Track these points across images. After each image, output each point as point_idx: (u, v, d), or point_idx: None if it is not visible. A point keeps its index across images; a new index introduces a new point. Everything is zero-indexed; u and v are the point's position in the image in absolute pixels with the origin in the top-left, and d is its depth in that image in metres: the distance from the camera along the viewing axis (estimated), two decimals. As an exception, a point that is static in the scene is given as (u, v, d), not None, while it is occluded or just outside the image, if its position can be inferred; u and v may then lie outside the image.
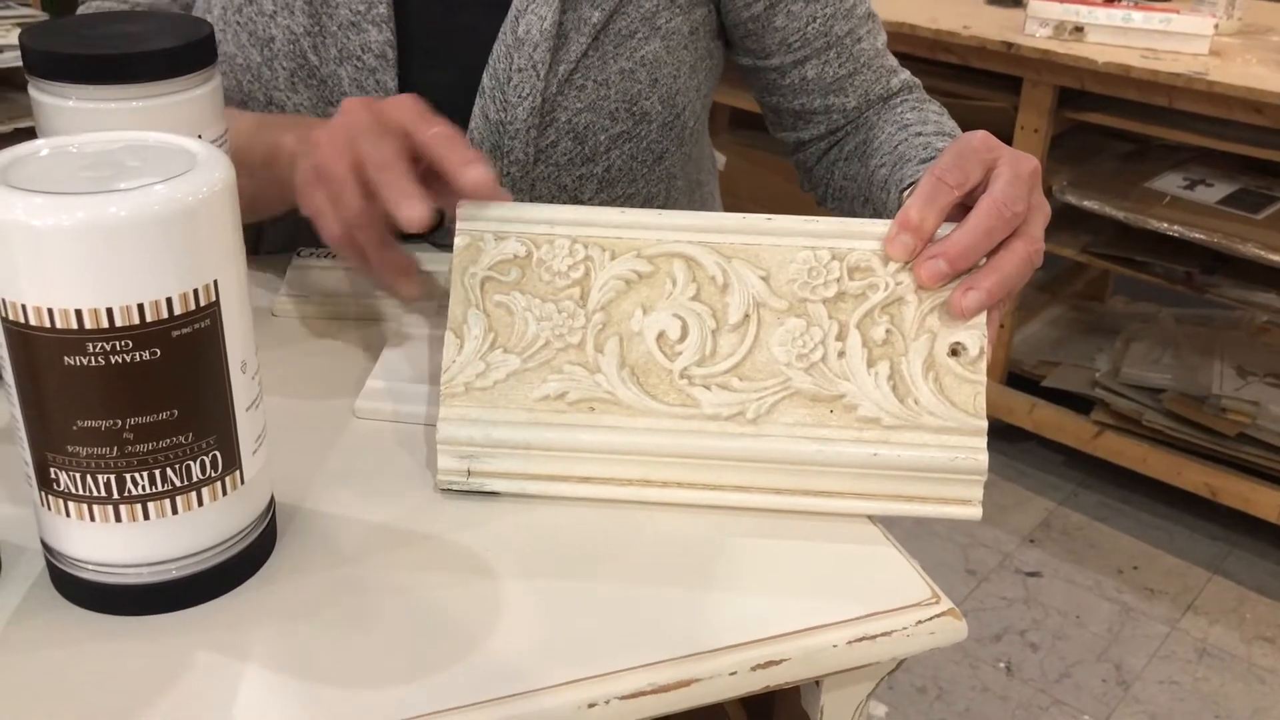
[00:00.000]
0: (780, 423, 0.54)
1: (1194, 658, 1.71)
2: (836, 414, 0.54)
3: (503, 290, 0.57)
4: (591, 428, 0.55)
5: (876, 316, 0.56)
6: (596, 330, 0.56)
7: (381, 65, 0.76)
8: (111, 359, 0.43)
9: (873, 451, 0.54)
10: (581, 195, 0.80)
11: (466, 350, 0.56)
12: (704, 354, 0.56)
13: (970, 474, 0.54)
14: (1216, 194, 1.88)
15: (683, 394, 0.55)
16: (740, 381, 0.55)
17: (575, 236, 0.58)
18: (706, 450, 0.54)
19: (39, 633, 0.47)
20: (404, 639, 0.48)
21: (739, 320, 0.56)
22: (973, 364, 0.55)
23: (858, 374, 0.55)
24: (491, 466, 0.55)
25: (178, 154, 0.46)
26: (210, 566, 0.49)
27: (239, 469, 0.48)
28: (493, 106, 0.76)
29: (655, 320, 0.56)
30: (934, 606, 0.51)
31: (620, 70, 0.78)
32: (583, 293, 0.57)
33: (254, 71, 0.77)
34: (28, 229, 0.41)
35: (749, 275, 0.57)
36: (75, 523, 0.46)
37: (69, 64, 0.57)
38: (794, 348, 0.55)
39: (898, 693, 1.63)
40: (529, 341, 0.56)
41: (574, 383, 0.55)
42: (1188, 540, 1.96)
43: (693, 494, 0.55)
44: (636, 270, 0.57)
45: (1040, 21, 1.83)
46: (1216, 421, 1.85)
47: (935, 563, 1.87)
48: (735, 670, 0.47)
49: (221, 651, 0.47)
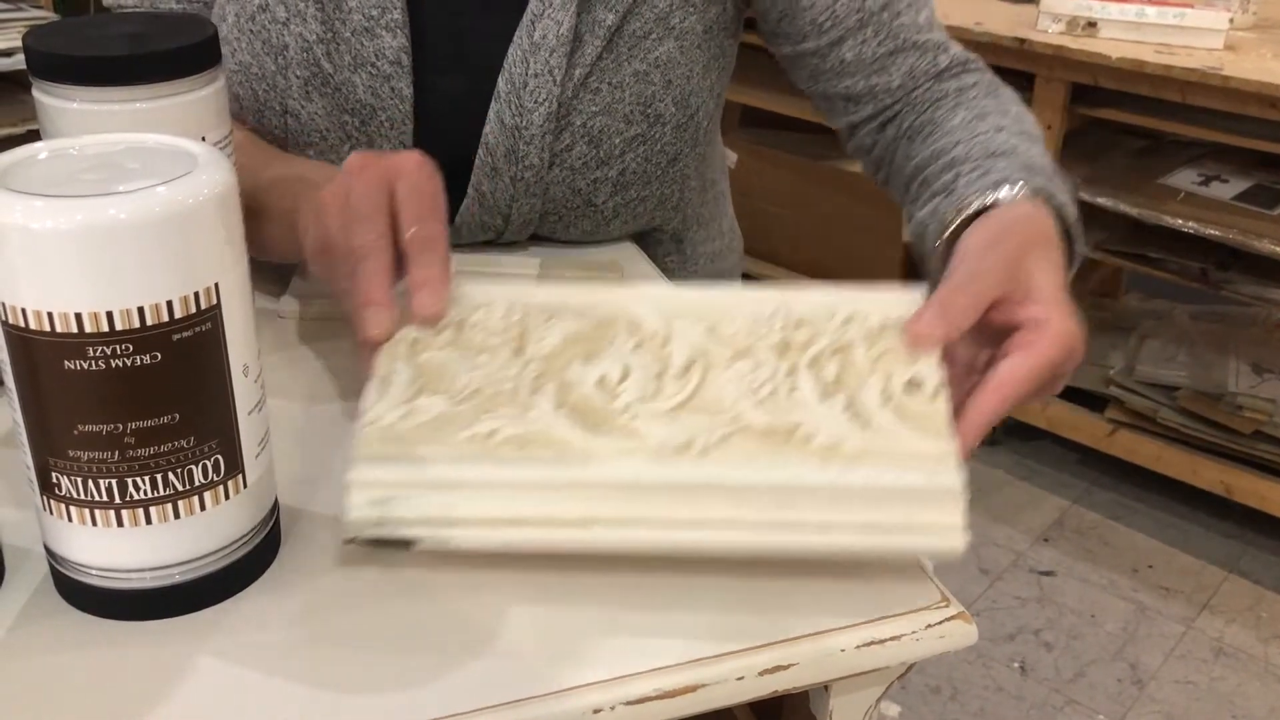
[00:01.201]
0: (733, 453, 0.49)
1: (1210, 657, 1.70)
2: (793, 444, 0.49)
3: (433, 348, 0.53)
4: (525, 461, 0.49)
5: (825, 360, 0.52)
6: (532, 377, 0.52)
7: (396, 72, 0.75)
8: (112, 363, 0.43)
9: (837, 473, 0.48)
10: (596, 199, 0.80)
11: (390, 396, 0.51)
12: (647, 394, 0.51)
13: (945, 496, 0.48)
14: (1231, 190, 1.87)
15: (626, 428, 0.50)
16: (689, 415, 0.50)
17: (513, 302, 0.55)
18: (654, 480, 0.48)
19: (42, 637, 0.47)
20: (410, 643, 0.47)
21: (683, 366, 0.52)
22: (932, 398, 0.51)
23: (812, 405, 0.51)
24: (408, 511, 0.48)
25: (178, 156, 0.46)
26: (214, 571, 0.48)
27: (242, 473, 0.48)
28: (508, 111, 0.76)
29: (595, 368, 0.52)
30: (944, 610, 0.50)
31: (635, 72, 0.77)
32: (519, 346, 0.53)
33: (269, 80, 0.76)
34: (27, 232, 0.41)
35: (691, 329, 0.54)
36: (77, 527, 0.46)
37: (72, 66, 0.57)
38: (743, 385, 0.51)
39: (911, 693, 1.62)
40: (459, 387, 0.51)
41: (506, 421, 0.50)
42: (1203, 539, 1.95)
43: (642, 534, 0.48)
44: (576, 328, 0.54)
45: (1053, 17, 1.82)
46: (1232, 419, 1.84)
47: (948, 562, 1.86)
48: (743, 675, 0.47)
49: (225, 657, 0.46)
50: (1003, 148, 0.70)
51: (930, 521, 0.48)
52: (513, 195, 0.78)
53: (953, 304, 0.54)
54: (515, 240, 0.83)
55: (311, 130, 0.77)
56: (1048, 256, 0.59)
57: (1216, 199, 1.84)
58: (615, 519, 0.48)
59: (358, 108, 0.76)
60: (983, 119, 0.74)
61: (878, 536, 0.48)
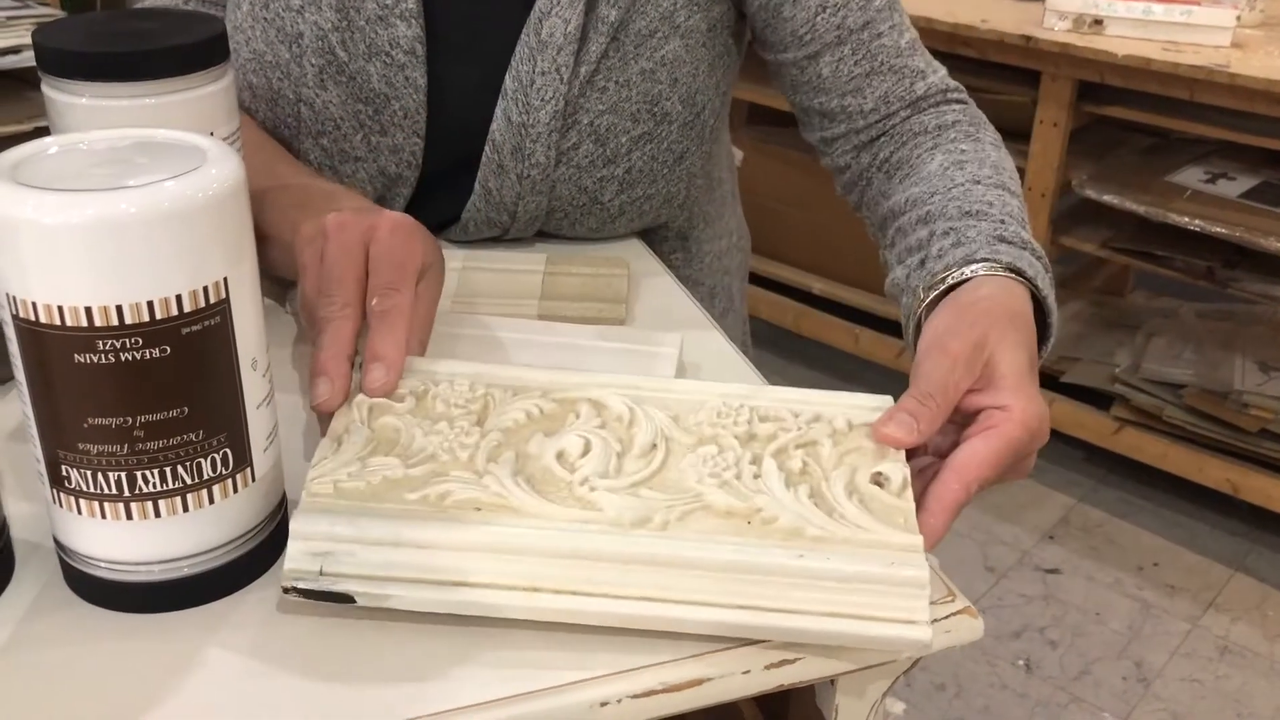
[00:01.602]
0: (692, 529, 0.48)
1: (1215, 655, 1.70)
2: (754, 525, 0.48)
3: (392, 414, 0.53)
4: (474, 523, 0.48)
5: (791, 451, 0.52)
6: (491, 446, 0.51)
7: (410, 61, 0.75)
8: (121, 356, 0.43)
9: (798, 554, 0.47)
10: (602, 197, 0.80)
11: (342, 454, 0.50)
12: (608, 469, 0.50)
13: (910, 586, 0.47)
14: (1238, 188, 1.87)
15: (583, 500, 0.49)
16: (649, 491, 0.50)
17: (478, 378, 0.55)
18: (608, 551, 0.47)
19: (52, 629, 0.47)
20: (416, 637, 0.47)
21: (646, 447, 0.52)
22: (899, 493, 0.50)
23: (776, 490, 0.50)
24: (348, 567, 0.46)
25: (187, 151, 0.46)
26: (222, 564, 0.49)
27: (250, 466, 0.48)
28: (515, 109, 0.76)
29: (556, 442, 0.52)
30: (950, 605, 0.50)
31: (641, 71, 0.77)
32: (480, 418, 0.53)
33: (283, 68, 0.77)
34: (37, 226, 0.41)
35: (657, 414, 0.54)
36: (86, 520, 0.46)
37: (81, 62, 0.58)
38: (705, 468, 0.51)
39: (916, 690, 1.62)
40: (414, 451, 0.51)
41: (459, 485, 0.49)
42: (1209, 537, 1.95)
43: (592, 604, 0.47)
44: (540, 406, 0.54)
45: (1059, 14, 1.82)
46: (1238, 417, 1.84)
47: (954, 560, 1.86)
48: (748, 669, 0.47)
49: (233, 649, 0.47)
50: (978, 205, 0.68)
51: (895, 611, 0.46)
52: (519, 193, 0.78)
53: (920, 413, 0.54)
54: (522, 236, 0.83)
55: (325, 119, 0.77)
56: (1014, 337, 0.58)
57: (1224, 197, 1.84)
58: (564, 587, 0.47)
59: (371, 96, 0.76)
60: (961, 168, 0.73)
61: (840, 623, 0.46)
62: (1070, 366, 2.09)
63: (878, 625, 0.46)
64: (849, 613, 0.46)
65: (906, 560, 0.47)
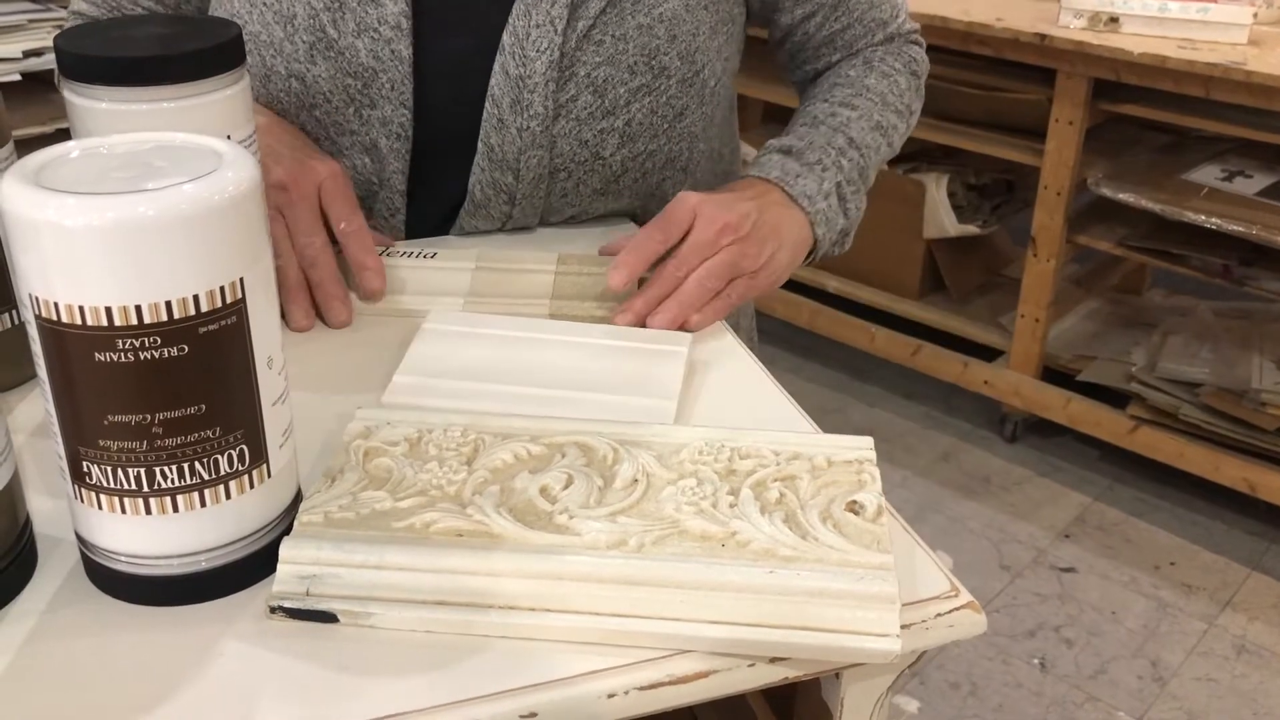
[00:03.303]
0: (666, 551, 0.50)
1: (1232, 654, 1.70)
2: (729, 548, 0.50)
3: (386, 455, 0.55)
4: (454, 548, 0.50)
5: (769, 484, 0.54)
6: (478, 482, 0.54)
7: (396, 35, 0.78)
8: (141, 355, 0.44)
9: (769, 570, 0.49)
10: (604, 151, 0.82)
11: (336, 489, 0.53)
12: (588, 501, 0.53)
13: (880, 600, 0.48)
14: (1255, 185, 1.86)
15: (561, 527, 0.51)
16: (626, 518, 0.52)
17: (470, 425, 0.58)
18: (582, 571, 0.49)
19: (74, 621, 0.49)
20: (430, 630, 0.48)
21: (627, 481, 0.54)
22: (873, 519, 0.52)
23: (751, 516, 0.52)
24: (333, 588, 0.49)
25: (205, 154, 0.47)
26: (239, 558, 0.50)
27: (266, 462, 0.49)
28: (512, 62, 0.79)
29: (541, 478, 0.54)
30: (953, 600, 0.51)
31: (638, 25, 0.80)
32: (470, 459, 0.55)
33: (276, 46, 0.80)
34: (59, 229, 0.42)
35: (641, 453, 0.56)
36: (107, 515, 0.48)
37: (101, 66, 0.59)
38: (684, 498, 0.53)
39: (930, 688, 1.63)
40: (405, 486, 0.53)
41: (444, 514, 0.51)
42: (1226, 536, 1.94)
43: (568, 621, 0.48)
44: (528, 449, 0.56)
45: (1074, 13, 1.82)
46: (1255, 416, 1.83)
47: (969, 558, 1.86)
48: (753, 663, 0.48)
49: (250, 641, 0.48)
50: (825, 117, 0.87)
51: (867, 625, 0.48)
52: (520, 147, 0.80)
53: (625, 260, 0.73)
54: (528, 214, 0.84)
55: (316, 93, 0.80)
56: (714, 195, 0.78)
57: (1240, 194, 1.83)
58: (538, 605, 0.48)
59: (359, 70, 0.79)
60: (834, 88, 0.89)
61: (811, 636, 0.47)
62: (1086, 365, 2.08)
63: (848, 638, 0.47)
64: (819, 626, 0.48)
65: (876, 576, 0.49)
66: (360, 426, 0.57)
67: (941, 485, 2.07)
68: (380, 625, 0.48)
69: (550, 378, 0.65)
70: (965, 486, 2.07)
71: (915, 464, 2.12)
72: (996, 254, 2.41)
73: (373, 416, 0.58)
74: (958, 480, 2.08)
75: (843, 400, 2.29)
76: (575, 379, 0.66)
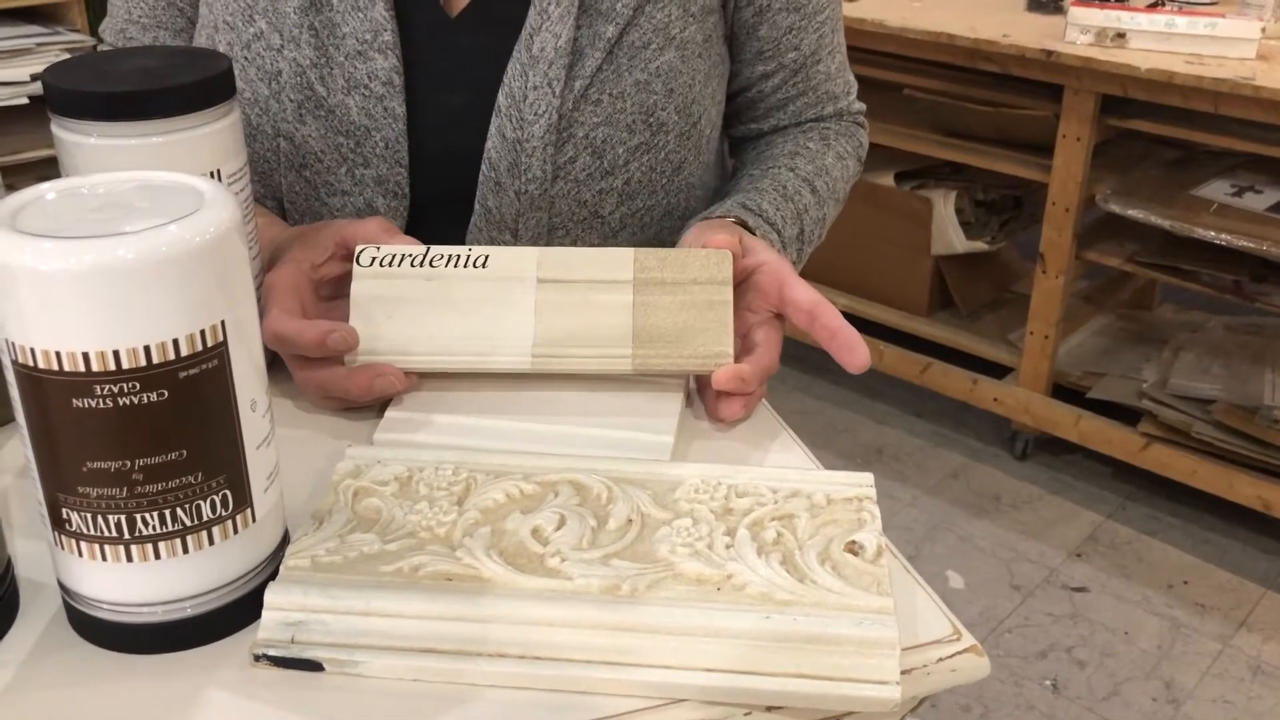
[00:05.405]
0: (660, 596, 0.49)
1: (1247, 676, 1.67)
2: (724, 591, 0.49)
3: (377, 496, 0.54)
4: (443, 593, 0.49)
5: (766, 523, 0.53)
6: (469, 523, 0.53)
7: (389, 92, 0.76)
8: (119, 401, 0.43)
9: (765, 615, 0.48)
10: (602, 210, 0.80)
11: (323, 531, 0.52)
12: (580, 543, 0.52)
13: (880, 646, 0.47)
14: (1265, 200, 1.85)
15: (553, 570, 0.50)
16: (620, 561, 0.51)
17: (462, 463, 0.57)
18: (573, 617, 0.48)
19: (56, 670, 0.48)
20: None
21: (622, 522, 0.53)
22: (873, 560, 0.51)
23: (747, 558, 0.51)
24: (319, 635, 0.48)
25: (186, 193, 0.46)
26: (224, 604, 0.49)
27: (250, 507, 0.48)
28: (509, 125, 0.76)
29: (533, 518, 0.53)
30: (955, 643, 0.50)
31: (635, 82, 0.78)
32: (460, 499, 0.54)
33: (261, 105, 0.77)
34: (35, 273, 0.42)
35: (636, 492, 0.55)
36: (88, 562, 0.47)
37: (89, 102, 0.58)
38: (679, 539, 0.52)
39: (941, 711, 1.61)
40: (394, 528, 0.52)
41: (433, 558, 0.50)
42: (1240, 555, 1.92)
43: (555, 668, 0.47)
44: (520, 488, 0.55)
45: (1081, 28, 1.81)
46: (1268, 433, 1.81)
47: (979, 579, 1.84)
48: (749, 711, 0.47)
49: (233, 690, 0.47)
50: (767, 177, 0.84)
51: (864, 672, 0.46)
52: (519, 210, 0.78)
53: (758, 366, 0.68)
54: None
55: (306, 153, 0.78)
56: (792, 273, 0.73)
57: (1250, 210, 1.82)
58: (528, 653, 0.47)
59: (351, 129, 0.77)
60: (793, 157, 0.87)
61: (808, 684, 0.46)
62: (1097, 382, 2.07)
63: (846, 686, 0.46)
64: (816, 674, 0.46)
65: (876, 620, 0.47)
66: (350, 465, 0.57)
67: (951, 504, 2.05)
68: (367, 674, 0.47)
69: (545, 411, 0.64)
70: (975, 505, 2.05)
71: (925, 482, 2.11)
72: (1005, 270, 2.40)
73: (363, 455, 0.57)
74: (968, 499, 2.07)
75: (852, 418, 2.28)
76: (571, 412, 0.64)
